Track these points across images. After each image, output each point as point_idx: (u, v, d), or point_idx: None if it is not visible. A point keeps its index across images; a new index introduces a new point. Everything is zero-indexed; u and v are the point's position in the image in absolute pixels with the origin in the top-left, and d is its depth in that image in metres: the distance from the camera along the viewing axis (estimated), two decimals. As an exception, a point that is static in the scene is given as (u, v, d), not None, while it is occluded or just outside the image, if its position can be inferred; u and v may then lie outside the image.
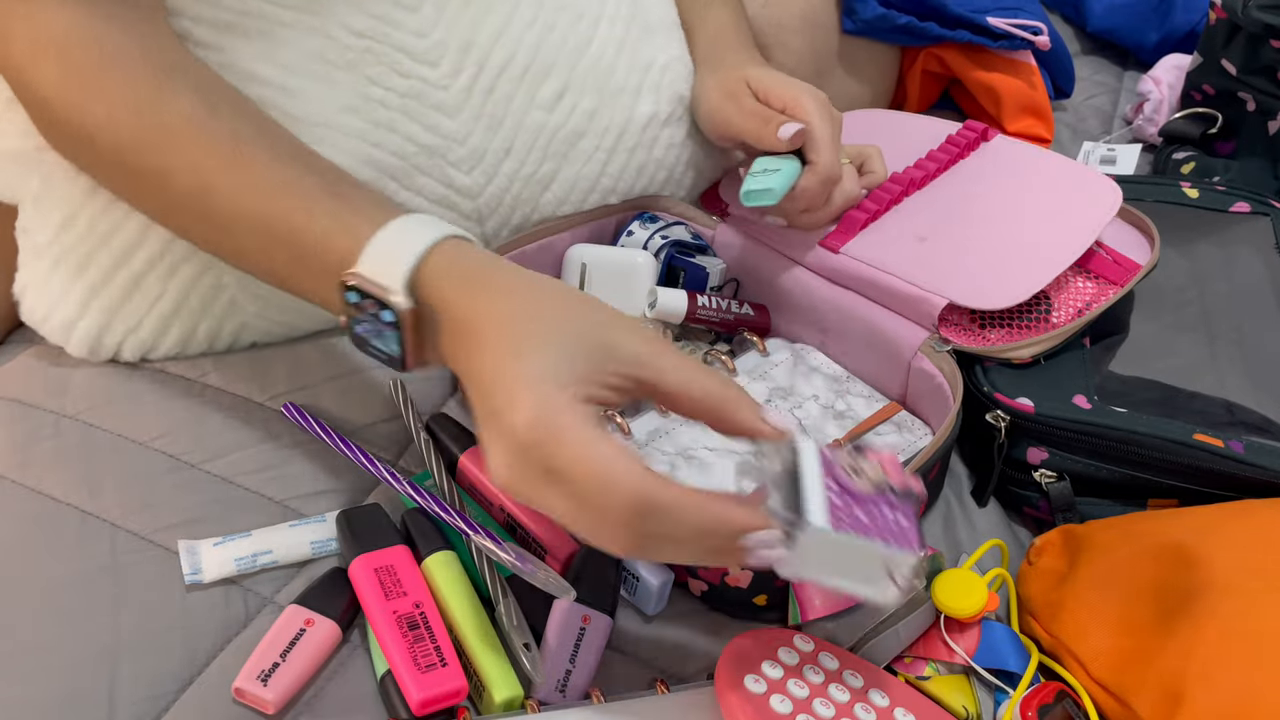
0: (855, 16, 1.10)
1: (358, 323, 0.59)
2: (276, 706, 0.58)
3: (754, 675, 0.57)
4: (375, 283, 0.57)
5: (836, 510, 0.53)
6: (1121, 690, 0.60)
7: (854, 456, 0.57)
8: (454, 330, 0.56)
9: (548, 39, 0.80)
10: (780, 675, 0.57)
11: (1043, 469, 0.73)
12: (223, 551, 0.65)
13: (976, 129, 0.91)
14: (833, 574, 0.53)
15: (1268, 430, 0.71)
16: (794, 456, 0.55)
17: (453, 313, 0.56)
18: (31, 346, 0.80)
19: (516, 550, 0.61)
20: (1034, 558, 0.68)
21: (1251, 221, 0.91)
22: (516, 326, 0.54)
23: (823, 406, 0.77)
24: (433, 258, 0.57)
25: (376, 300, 0.57)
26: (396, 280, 0.56)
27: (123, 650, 0.61)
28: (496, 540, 0.62)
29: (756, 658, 0.58)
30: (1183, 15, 1.25)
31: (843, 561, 0.53)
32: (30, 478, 0.69)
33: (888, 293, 0.78)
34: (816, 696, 0.57)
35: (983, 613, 0.64)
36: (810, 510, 0.52)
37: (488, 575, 0.63)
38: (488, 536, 0.62)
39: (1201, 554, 0.61)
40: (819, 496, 0.53)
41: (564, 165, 0.83)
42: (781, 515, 0.52)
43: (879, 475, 0.57)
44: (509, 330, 0.54)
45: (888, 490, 0.56)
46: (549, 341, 0.53)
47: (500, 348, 0.53)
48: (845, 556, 0.53)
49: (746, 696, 0.56)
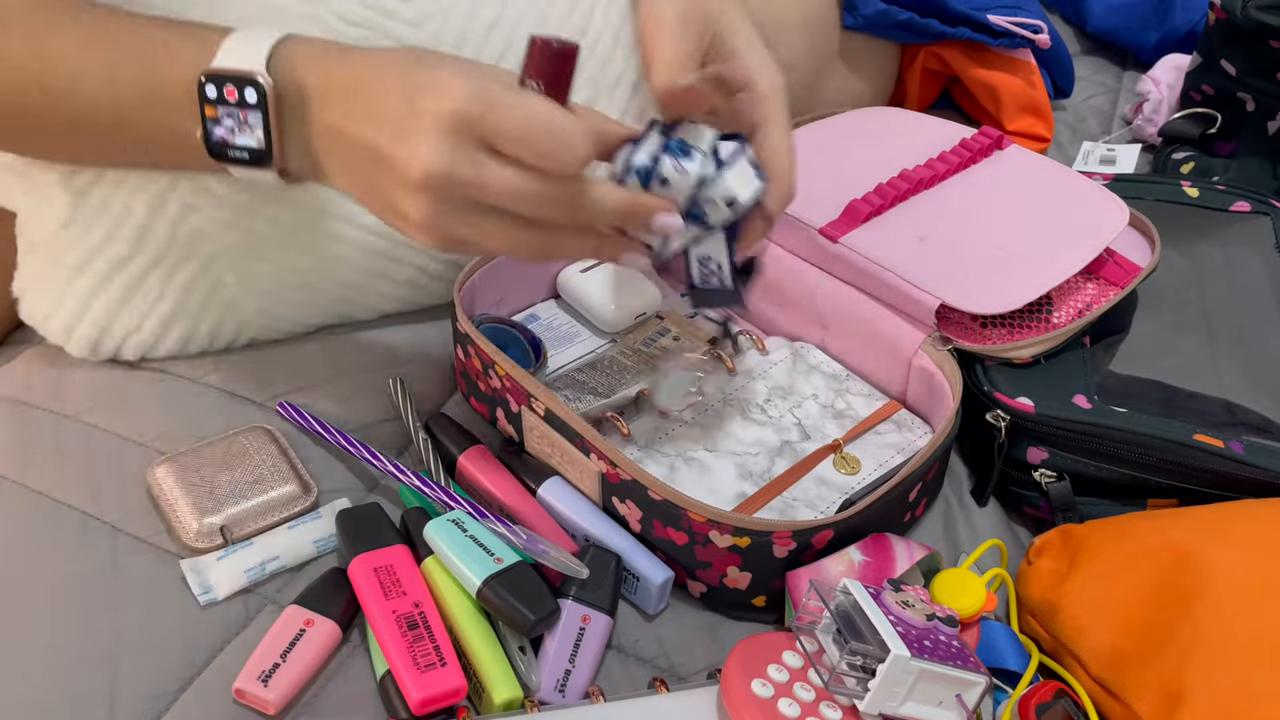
0: (856, 13, 1.10)
1: (216, 123, 0.60)
2: (277, 707, 0.59)
3: (761, 680, 0.57)
4: (236, 63, 0.59)
5: (908, 640, 0.56)
6: (1121, 690, 0.60)
7: (899, 591, 0.60)
8: (329, 93, 0.58)
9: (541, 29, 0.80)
10: (786, 679, 0.58)
11: (1043, 469, 0.73)
12: (230, 565, 0.65)
13: (991, 135, 0.91)
14: (907, 701, 0.56)
15: (1268, 430, 0.71)
16: (851, 597, 0.58)
17: (328, 77, 0.58)
18: (31, 346, 0.80)
19: (527, 532, 0.62)
20: (1033, 557, 0.68)
21: (1252, 221, 0.91)
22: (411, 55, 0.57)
23: (822, 405, 0.77)
24: (288, 45, 0.59)
25: (236, 80, 0.58)
26: (258, 54, 0.58)
27: (123, 650, 0.61)
28: (507, 524, 0.62)
29: (762, 662, 0.58)
30: (1182, 15, 1.25)
31: (918, 689, 0.56)
32: (30, 478, 0.69)
33: (883, 287, 0.78)
34: (823, 700, 0.57)
35: (981, 612, 0.64)
36: (891, 642, 0.55)
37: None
38: (498, 520, 0.62)
39: (1201, 554, 0.61)
40: (890, 629, 0.56)
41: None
42: (864, 650, 0.55)
43: (926, 605, 0.60)
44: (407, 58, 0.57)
45: (937, 619, 0.59)
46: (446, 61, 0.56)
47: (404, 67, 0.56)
48: (920, 684, 0.56)
49: (754, 701, 0.56)
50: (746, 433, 0.74)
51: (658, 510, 0.65)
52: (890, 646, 0.55)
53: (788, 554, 0.63)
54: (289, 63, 0.59)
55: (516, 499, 0.69)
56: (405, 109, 0.54)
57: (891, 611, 0.58)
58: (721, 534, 0.63)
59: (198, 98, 0.60)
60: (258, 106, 0.59)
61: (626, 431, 0.72)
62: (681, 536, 0.64)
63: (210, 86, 0.59)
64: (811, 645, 0.59)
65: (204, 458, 0.70)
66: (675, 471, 0.71)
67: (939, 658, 0.56)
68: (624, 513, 0.67)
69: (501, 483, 0.69)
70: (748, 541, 0.63)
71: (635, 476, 0.64)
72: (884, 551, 0.64)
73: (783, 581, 0.64)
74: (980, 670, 0.57)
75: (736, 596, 0.66)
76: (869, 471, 0.72)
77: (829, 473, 0.72)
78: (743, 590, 0.65)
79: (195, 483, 0.68)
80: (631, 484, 0.65)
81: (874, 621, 0.57)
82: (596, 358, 0.81)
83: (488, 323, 0.79)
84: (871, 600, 0.58)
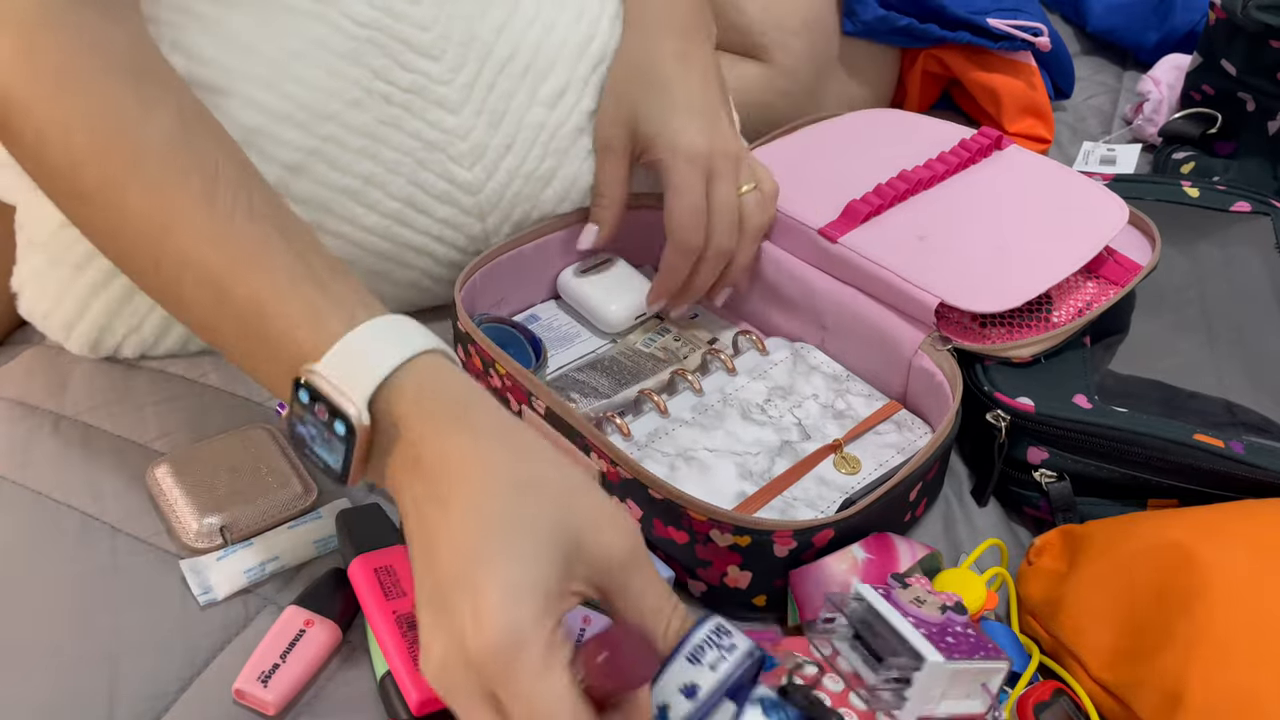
0: (856, 18, 1.10)
1: (301, 423, 0.53)
2: (277, 707, 0.58)
3: None
4: (336, 389, 0.50)
5: (934, 640, 0.56)
6: (1121, 690, 0.60)
7: (906, 587, 0.60)
8: (410, 462, 0.50)
9: (549, 37, 0.80)
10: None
11: (1043, 469, 0.73)
12: (229, 565, 0.65)
13: (991, 135, 0.91)
14: (941, 700, 0.56)
15: (1268, 430, 0.71)
16: (865, 603, 0.58)
17: (415, 444, 0.49)
18: (32, 346, 0.80)
19: None
20: (1034, 557, 0.68)
21: (1252, 221, 0.91)
22: (489, 503, 0.47)
23: (822, 405, 0.77)
24: (404, 375, 0.50)
25: (330, 407, 0.50)
26: (360, 393, 0.50)
27: (123, 651, 0.61)
28: None
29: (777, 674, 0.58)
30: (1182, 15, 1.25)
31: (950, 686, 0.56)
32: (30, 478, 0.69)
33: (882, 286, 0.78)
34: (839, 706, 0.57)
35: (981, 612, 0.64)
36: (922, 649, 0.55)
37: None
38: None
39: (1201, 554, 0.61)
40: (915, 634, 0.56)
41: (564, 162, 0.83)
42: (899, 664, 0.55)
43: (935, 597, 0.60)
44: (480, 506, 0.47)
45: (949, 610, 0.59)
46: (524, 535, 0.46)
47: (468, 528, 0.47)
48: (952, 681, 0.56)
49: None
50: (747, 433, 0.74)
51: (658, 509, 0.65)
52: (924, 654, 0.55)
53: (788, 553, 0.63)
54: (393, 405, 0.50)
55: (516, 499, 0.68)
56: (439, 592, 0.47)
57: (909, 612, 0.58)
58: (722, 533, 0.63)
59: (290, 390, 0.52)
60: (343, 439, 0.51)
61: (627, 431, 0.72)
62: (682, 535, 0.64)
63: (304, 392, 0.51)
64: (826, 649, 0.59)
65: (204, 458, 0.70)
66: (675, 471, 0.71)
67: (965, 653, 0.56)
68: (624, 512, 0.67)
69: (501, 483, 0.69)
70: (748, 540, 0.63)
71: (636, 475, 0.64)
72: (887, 550, 0.64)
73: (784, 581, 0.64)
74: (1001, 656, 0.58)
75: (737, 596, 0.66)
76: (869, 471, 0.72)
77: (829, 472, 0.72)
78: (743, 589, 0.65)
79: (195, 483, 0.68)
80: (632, 483, 0.65)
81: (897, 628, 0.56)
82: (597, 358, 0.81)
83: (488, 322, 0.79)
84: (888, 605, 0.58)
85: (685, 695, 0.49)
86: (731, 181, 0.77)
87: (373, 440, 0.51)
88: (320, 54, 0.72)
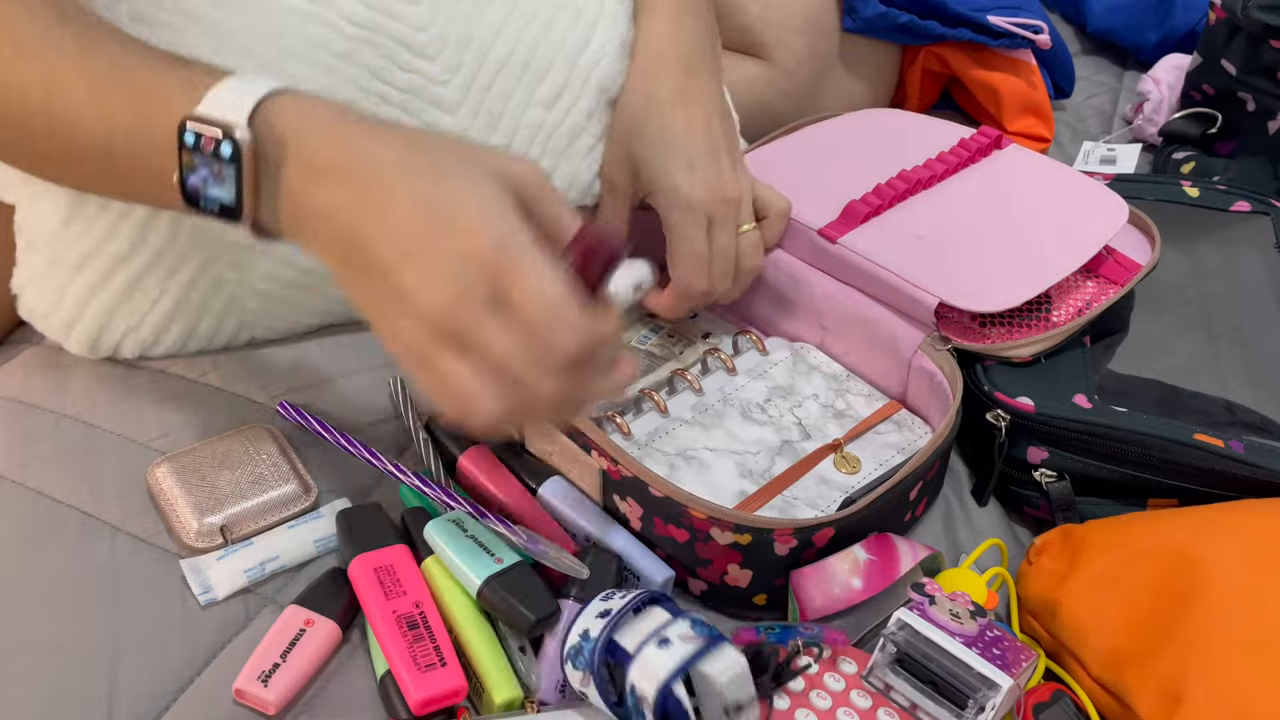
0: (856, 15, 1.10)
1: (192, 171, 0.57)
2: (277, 707, 0.58)
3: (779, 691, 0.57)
4: (214, 118, 0.55)
5: (989, 659, 0.56)
6: (1121, 690, 0.60)
7: (935, 602, 0.60)
8: (311, 172, 0.54)
9: (547, 37, 0.80)
10: (802, 688, 0.58)
11: (1043, 468, 0.73)
12: (230, 565, 0.65)
13: (990, 135, 0.91)
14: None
15: (1268, 430, 0.71)
16: (906, 630, 0.58)
17: (313, 152, 0.54)
18: (31, 346, 0.80)
19: (527, 533, 0.62)
20: (1034, 557, 0.68)
21: (1252, 220, 0.91)
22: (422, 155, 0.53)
23: (822, 405, 0.77)
24: (282, 97, 0.55)
25: (216, 128, 0.55)
26: (241, 112, 0.54)
27: (123, 650, 0.61)
28: (507, 524, 0.62)
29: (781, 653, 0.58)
30: (1183, 15, 1.25)
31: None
32: (30, 478, 0.69)
33: (882, 287, 0.78)
34: (840, 706, 0.57)
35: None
36: (991, 674, 0.55)
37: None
38: (499, 521, 0.62)
39: (1201, 554, 0.61)
40: (978, 659, 0.56)
41: (562, 162, 0.83)
42: (978, 698, 0.56)
43: (962, 605, 0.60)
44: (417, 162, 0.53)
45: (979, 618, 0.59)
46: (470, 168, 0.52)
47: (419, 180, 0.52)
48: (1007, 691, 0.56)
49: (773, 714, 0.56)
50: (747, 432, 0.74)
51: (658, 507, 0.65)
52: (996, 681, 0.55)
53: (789, 552, 0.63)
54: (276, 118, 0.55)
55: (517, 499, 0.68)
56: (420, 231, 0.51)
57: (955, 632, 0.58)
58: (722, 531, 0.63)
59: (178, 142, 0.57)
60: (231, 160, 0.55)
61: (627, 430, 0.72)
62: (682, 534, 0.64)
63: (190, 134, 0.56)
64: (879, 684, 0.59)
65: (204, 457, 0.70)
66: (676, 470, 0.71)
67: (1016, 662, 0.57)
68: (624, 510, 0.67)
69: (502, 482, 0.69)
70: (749, 539, 0.63)
71: (636, 473, 0.64)
72: (888, 550, 0.64)
73: (784, 580, 0.64)
74: (1032, 653, 0.58)
75: (737, 594, 0.66)
76: (869, 471, 0.72)
77: (829, 472, 0.72)
78: (743, 588, 0.65)
79: (195, 482, 0.68)
80: (632, 481, 0.65)
81: (960, 656, 0.56)
82: (597, 357, 0.80)
83: (488, 322, 0.79)
84: (942, 632, 0.57)
85: (600, 617, 0.56)
86: (731, 229, 0.78)
87: (261, 159, 0.55)
88: (317, 54, 0.72)
